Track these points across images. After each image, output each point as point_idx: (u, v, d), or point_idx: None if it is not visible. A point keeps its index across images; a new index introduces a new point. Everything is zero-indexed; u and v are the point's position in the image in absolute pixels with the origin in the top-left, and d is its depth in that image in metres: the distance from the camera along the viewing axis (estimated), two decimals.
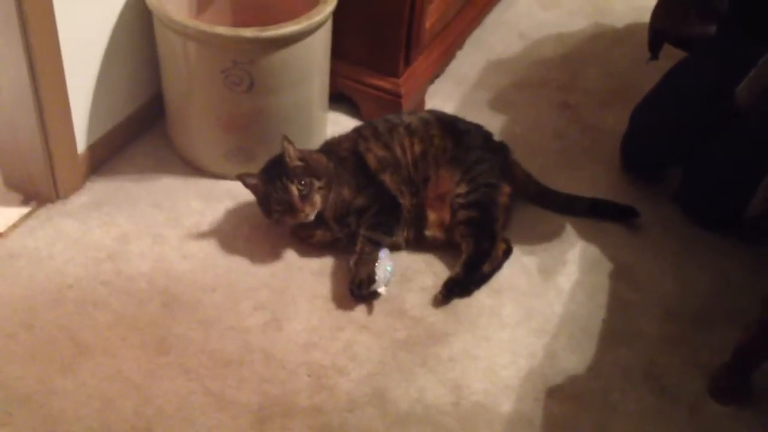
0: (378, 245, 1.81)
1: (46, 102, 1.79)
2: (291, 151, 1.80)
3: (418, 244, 1.92)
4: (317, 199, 1.80)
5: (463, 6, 2.47)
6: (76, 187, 1.97)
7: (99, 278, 1.78)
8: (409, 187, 1.90)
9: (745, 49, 1.61)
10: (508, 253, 1.91)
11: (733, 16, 1.87)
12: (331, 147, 1.95)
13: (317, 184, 1.80)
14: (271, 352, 1.68)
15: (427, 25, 2.21)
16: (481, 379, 1.68)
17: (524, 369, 1.70)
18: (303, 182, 1.78)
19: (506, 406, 1.63)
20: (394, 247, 1.88)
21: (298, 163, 1.80)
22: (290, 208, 1.79)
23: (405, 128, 1.95)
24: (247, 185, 1.85)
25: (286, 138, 1.80)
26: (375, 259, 1.79)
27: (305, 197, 1.78)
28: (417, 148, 1.92)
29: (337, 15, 1.97)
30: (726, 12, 1.86)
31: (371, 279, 1.76)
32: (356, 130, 1.99)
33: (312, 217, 1.81)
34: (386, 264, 1.80)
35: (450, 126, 1.99)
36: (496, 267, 1.88)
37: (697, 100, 1.97)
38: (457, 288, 1.81)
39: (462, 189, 1.89)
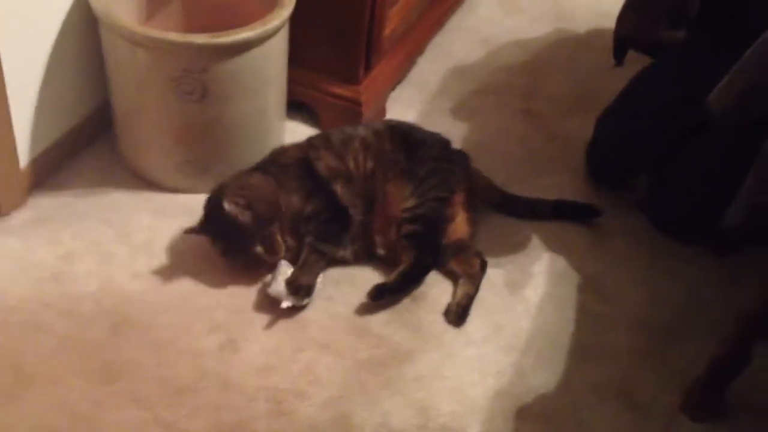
0: (324, 255, 1.77)
1: None
2: (236, 211, 1.71)
3: (371, 260, 1.85)
4: (280, 240, 1.76)
5: (424, 11, 2.42)
6: (18, 204, 1.87)
7: (43, 300, 1.69)
8: (362, 201, 1.85)
9: (711, 59, 1.60)
10: (483, 267, 1.85)
11: (701, 25, 1.87)
12: (274, 156, 1.90)
13: (274, 228, 1.75)
14: (227, 377, 1.60)
15: (387, 30, 2.16)
16: (449, 399, 1.62)
17: (493, 388, 1.65)
18: (264, 237, 1.74)
19: (475, 427, 1.58)
20: (341, 262, 1.83)
21: (248, 218, 1.72)
22: (260, 262, 1.76)
23: (360, 142, 1.90)
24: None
25: (226, 201, 1.71)
26: (319, 270, 1.75)
27: (270, 249, 1.74)
28: (369, 164, 1.87)
29: (295, 20, 1.91)
30: (694, 20, 1.85)
31: (310, 289, 1.72)
32: (308, 140, 1.95)
33: (282, 255, 1.76)
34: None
35: (404, 138, 1.94)
36: (478, 283, 1.82)
37: (662, 107, 1.96)
38: (387, 294, 1.77)
39: (410, 203, 1.84)
